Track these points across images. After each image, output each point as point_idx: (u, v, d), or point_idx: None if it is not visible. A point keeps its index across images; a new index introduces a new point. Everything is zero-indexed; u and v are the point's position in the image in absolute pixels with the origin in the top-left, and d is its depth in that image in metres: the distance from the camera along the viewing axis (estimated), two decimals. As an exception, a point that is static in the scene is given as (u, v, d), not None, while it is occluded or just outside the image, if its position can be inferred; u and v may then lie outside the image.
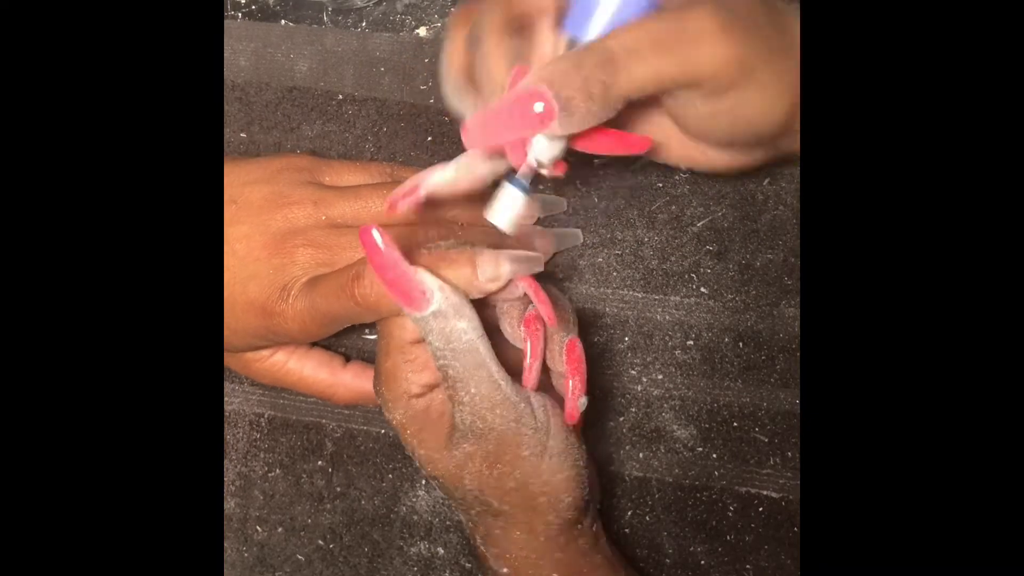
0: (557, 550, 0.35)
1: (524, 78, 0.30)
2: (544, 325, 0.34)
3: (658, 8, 0.31)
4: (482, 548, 0.36)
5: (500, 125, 0.30)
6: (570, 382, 0.34)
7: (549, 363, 0.35)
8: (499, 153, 0.33)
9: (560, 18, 0.33)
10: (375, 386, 0.35)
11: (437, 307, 0.31)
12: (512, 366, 0.35)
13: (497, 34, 0.33)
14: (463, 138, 0.32)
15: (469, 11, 0.35)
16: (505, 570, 0.35)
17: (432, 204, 0.36)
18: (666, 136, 0.36)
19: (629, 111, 0.32)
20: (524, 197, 0.33)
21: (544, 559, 0.34)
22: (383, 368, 0.34)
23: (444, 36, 0.36)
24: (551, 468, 0.33)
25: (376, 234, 0.30)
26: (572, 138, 0.32)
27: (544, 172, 0.33)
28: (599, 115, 0.30)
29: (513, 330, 0.35)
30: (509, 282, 0.33)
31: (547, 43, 0.32)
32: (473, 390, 0.32)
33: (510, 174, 0.33)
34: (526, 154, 0.32)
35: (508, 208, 0.33)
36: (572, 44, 0.32)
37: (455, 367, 0.32)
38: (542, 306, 0.33)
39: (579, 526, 0.35)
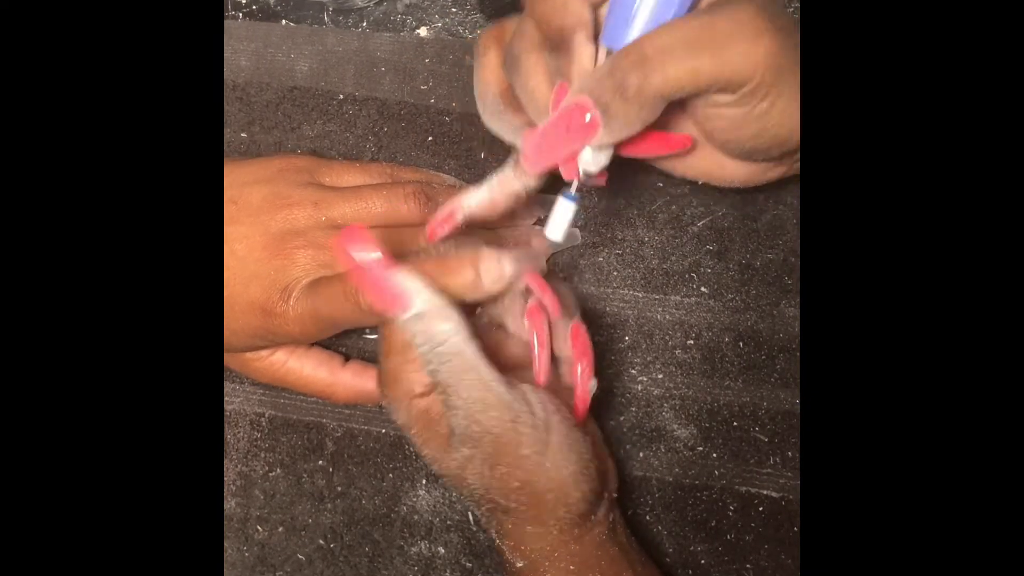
0: (572, 541, 0.34)
1: (566, 95, 0.30)
2: (547, 314, 0.34)
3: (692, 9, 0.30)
4: (498, 542, 0.36)
5: (553, 144, 0.31)
6: (579, 366, 0.35)
7: (556, 351, 0.35)
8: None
9: (596, 31, 0.32)
10: (380, 388, 0.35)
11: (418, 309, 0.31)
12: (517, 361, 0.35)
13: (535, 53, 0.32)
14: (523, 164, 0.32)
15: (501, 32, 0.34)
16: (520, 564, 0.35)
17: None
18: (688, 148, 0.36)
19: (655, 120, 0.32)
20: (575, 207, 0.33)
21: (559, 551, 0.34)
22: (385, 369, 0.34)
23: (475, 59, 0.35)
24: (556, 464, 0.33)
25: (352, 238, 0.30)
26: (618, 145, 0.32)
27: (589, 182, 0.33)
28: (640, 117, 0.30)
29: (516, 324, 0.35)
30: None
31: (585, 57, 0.31)
32: (464, 394, 0.31)
33: (564, 189, 0.34)
34: (578, 168, 0.32)
35: (563, 220, 0.34)
36: (610, 55, 0.31)
37: (442, 371, 0.31)
38: (547, 298, 0.34)
39: (593, 517, 0.35)
